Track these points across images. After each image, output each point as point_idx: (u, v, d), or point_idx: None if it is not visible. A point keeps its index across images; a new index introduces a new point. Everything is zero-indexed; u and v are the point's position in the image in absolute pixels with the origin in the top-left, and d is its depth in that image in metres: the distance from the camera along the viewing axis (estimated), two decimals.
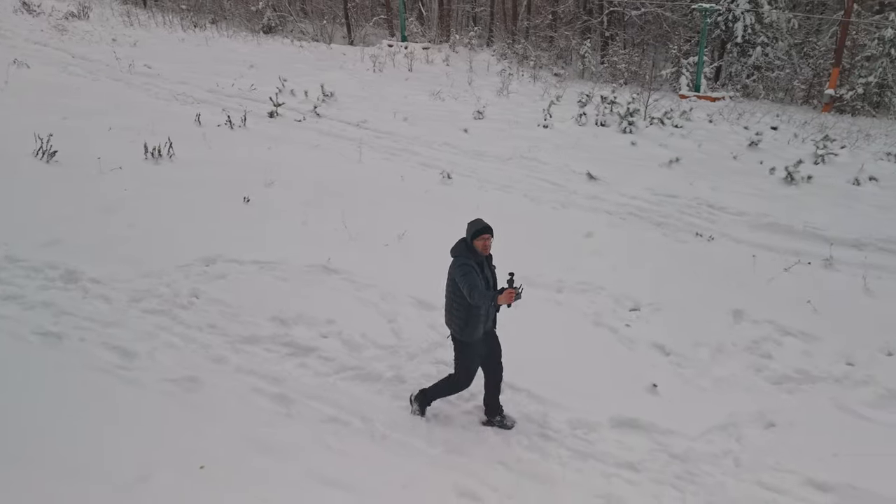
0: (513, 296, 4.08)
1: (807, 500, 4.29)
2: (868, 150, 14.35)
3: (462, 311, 4.26)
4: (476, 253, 4.27)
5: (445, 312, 4.45)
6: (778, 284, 7.30)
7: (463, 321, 4.28)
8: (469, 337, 4.34)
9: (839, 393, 5.49)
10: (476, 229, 4.25)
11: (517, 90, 18.23)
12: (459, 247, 4.32)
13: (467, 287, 4.09)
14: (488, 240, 4.29)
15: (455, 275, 4.22)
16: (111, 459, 3.88)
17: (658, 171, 11.41)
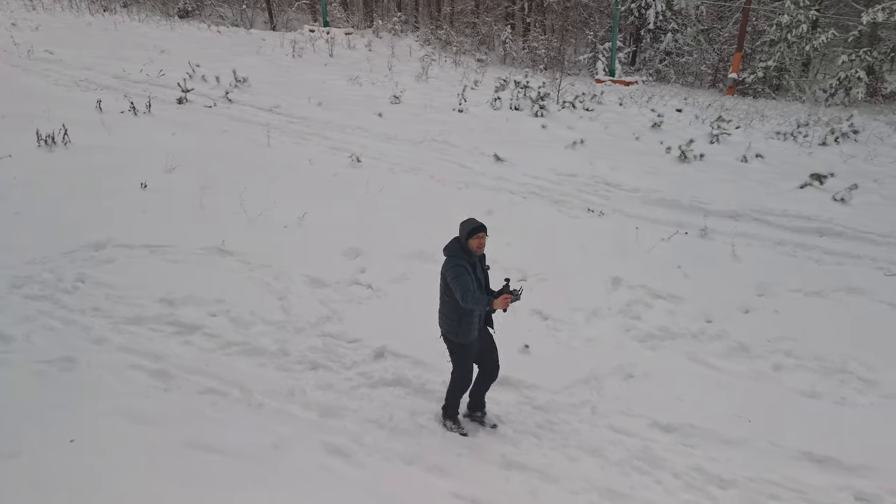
0: (509, 301, 4.00)
1: (651, 439, 4.78)
2: (761, 130, 15.39)
3: (455, 312, 4.20)
4: (470, 253, 4.21)
5: (439, 316, 4.38)
6: (656, 253, 7.88)
7: (456, 322, 4.23)
8: (463, 338, 4.29)
9: (695, 347, 6.07)
10: (471, 228, 4.16)
11: (438, 75, 18.47)
12: (453, 246, 4.23)
13: (460, 290, 4.01)
14: (483, 238, 4.23)
15: (447, 276, 4.13)
16: None
17: (563, 152, 11.92)
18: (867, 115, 18.91)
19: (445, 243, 4.33)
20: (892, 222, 9.36)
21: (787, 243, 8.62)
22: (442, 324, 4.37)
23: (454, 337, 4.31)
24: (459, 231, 4.27)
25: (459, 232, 4.27)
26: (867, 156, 13.35)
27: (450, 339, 4.36)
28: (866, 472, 4.59)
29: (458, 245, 4.23)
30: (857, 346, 6.15)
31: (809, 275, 7.65)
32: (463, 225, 4.26)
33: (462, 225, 4.27)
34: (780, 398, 5.37)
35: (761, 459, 4.66)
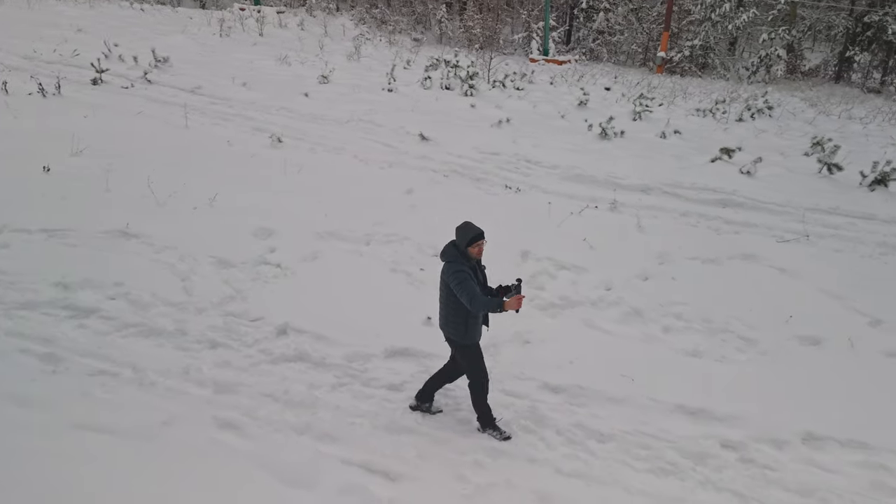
0: (521, 301, 4.07)
1: (540, 400, 5.04)
2: (683, 107, 15.98)
3: (461, 316, 4.22)
4: (468, 258, 4.22)
5: (441, 319, 4.38)
6: (566, 227, 8.17)
7: (463, 325, 4.26)
8: (471, 339, 4.34)
9: (592, 314, 6.38)
10: (472, 236, 4.17)
11: (371, 55, 18.33)
12: (451, 252, 4.23)
13: (467, 296, 4.03)
14: (483, 244, 4.25)
15: (450, 282, 4.12)
16: None
17: (488, 131, 12.11)
18: (786, 91, 19.85)
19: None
20: (791, 192, 9.96)
21: (691, 214, 9.07)
22: (446, 328, 4.38)
23: (461, 339, 4.34)
24: (457, 236, 4.25)
25: (456, 237, 4.25)
26: (778, 130, 14.07)
27: (456, 341, 4.37)
28: (735, 422, 4.98)
29: (456, 250, 4.22)
30: (742, 308, 6.59)
31: (708, 243, 8.10)
32: (461, 232, 4.23)
33: (461, 231, 4.23)
34: (665, 358, 5.73)
35: (640, 414, 4.99)
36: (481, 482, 4.14)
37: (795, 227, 8.80)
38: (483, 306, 4.05)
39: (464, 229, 4.23)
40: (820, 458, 4.72)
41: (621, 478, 4.37)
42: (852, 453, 4.78)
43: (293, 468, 4.01)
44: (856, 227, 8.99)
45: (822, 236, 8.65)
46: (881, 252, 8.28)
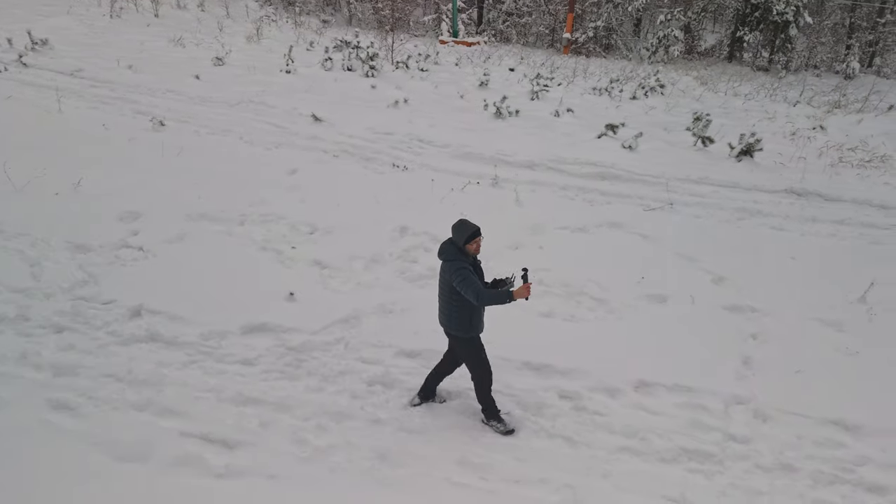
0: (529, 289, 4.14)
1: (394, 365, 5.25)
2: (581, 87, 16.50)
3: (465, 312, 4.30)
4: (467, 254, 4.28)
5: (443, 315, 4.44)
6: (447, 203, 8.40)
7: (467, 320, 4.33)
8: (475, 331, 4.43)
9: None
10: (471, 233, 4.24)
11: (274, 36, 17.93)
12: (450, 250, 4.28)
13: (473, 292, 4.08)
14: (480, 240, 4.32)
15: (453, 280, 4.17)
16: None
17: (385, 111, 12.17)
18: (682, 70, 20.81)
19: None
20: (666, 164, 10.56)
21: (571, 188, 9.49)
22: (447, 323, 4.43)
23: (465, 333, 4.40)
24: (454, 234, 4.31)
25: (454, 235, 4.31)
26: (667, 107, 14.78)
27: (459, 336, 4.43)
28: (575, 375, 5.36)
29: (454, 248, 4.28)
30: (601, 272, 7.01)
31: (581, 214, 8.52)
32: (459, 229, 4.28)
33: (459, 229, 4.29)
34: (520, 320, 6.04)
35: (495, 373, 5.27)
36: (321, 444, 4.31)
37: (665, 196, 9.38)
38: (491, 299, 4.12)
39: (461, 227, 4.29)
40: (648, 403, 5.16)
41: (461, 431, 4.64)
42: (677, 396, 5.24)
43: (128, 444, 4.05)
44: (719, 195, 9.67)
45: (687, 204, 9.26)
46: (738, 217, 8.96)
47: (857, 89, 18.49)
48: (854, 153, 11.71)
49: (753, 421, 5.04)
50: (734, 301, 6.69)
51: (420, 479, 4.14)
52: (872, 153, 11.69)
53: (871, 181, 10.49)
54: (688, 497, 4.26)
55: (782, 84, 19.14)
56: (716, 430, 4.90)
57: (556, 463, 4.44)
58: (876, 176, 10.68)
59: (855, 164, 11.13)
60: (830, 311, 6.52)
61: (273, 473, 4.00)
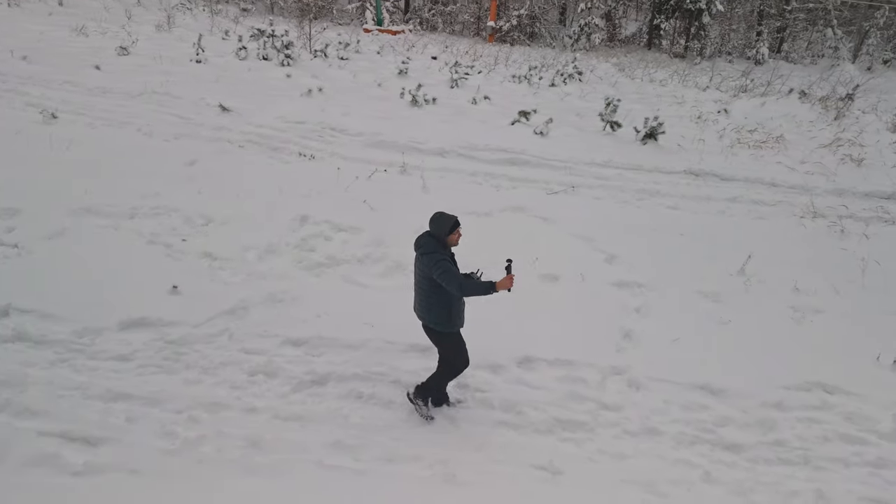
0: (513, 280, 4.16)
1: (279, 354, 5.23)
2: (502, 74, 16.69)
3: (444, 305, 4.27)
4: (446, 247, 4.27)
5: (422, 309, 4.40)
6: (353, 191, 8.37)
7: (446, 314, 4.31)
8: (454, 327, 4.41)
9: (356, 270, 6.65)
10: (451, 224, 4.23)
11: (187, 25, 17.35)
12: (430, 243, 4.24)
13: (455, 283, 4.06)
14: (459, 231, 4.31)
15: (433, 272, 4.13)
16: None
17: (298, 100, 11.98)
18: (602, 57, 21.35)
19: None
20: (575, 149, 10.85)
21: (480, 174, 9.62)
22: (426, 317, 4.40)
23: (444, 328, 4.38)
24: (432, 227, 4.28)
25: (432, 227, 4.28)
26: (582, 94, 15.15)
27: (438, 330, 4.41)
28: None
29: (433, 241, 4.25)
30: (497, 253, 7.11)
31: (487, 199, 8.66)
32: (438, 222, 4.25)
33: (436, 222, 4.26)
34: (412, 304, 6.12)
35: (375, 356, 5.34)
36: (191, 436, 4.26)
37: (569, 179, 9.64)
38: (474, 290, 4.10)
39: (440, 219, 4.27)
40: (529, 378, 5.34)
41: (340, 415, 4.68)
42: (558, 370, 5.44)
43: None
44: (622, 178, 10.02)
45: (591, 187, 9.55)
46: (638, 198, 9.30)
47: (764, 74, 19.43)
48: (752, 135, 12.33)
49: (627, 389, 5.30)
50: (622, 278, 6.97)
51: (291, 463, 4.16)
52: (769, 134, 12.34)
53: (764, 161, 11.08)
54: (556, 464, 4.43)
55: (696, 70, 19.91)
56: (590, 400, 5.12)
57: (431, 440, 4.54)
58: (770, 156, 11.29)
59: (751, 145, 11.72)
60: (710, 284, 6.89)
61: (136, 468, 3.94)
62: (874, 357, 5.79)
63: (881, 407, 5.17)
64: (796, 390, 5.33)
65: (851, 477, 4.55)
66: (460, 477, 4.22)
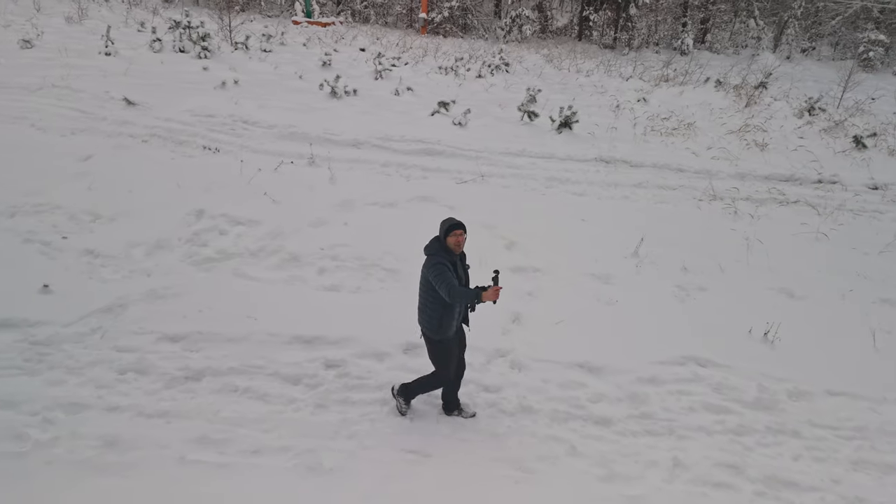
0: (499, 292, 4.08)
1: (154, 351, 5.11)
2: (429, 65, 16.67)
3: (436, 310, 4.25)
4: (450, 252, 4.22)
5: (418, 312, 4.40)
6: (256, 183, 8.23)
7: (437, 320, 4.27)
8: (443, 335, 4.34)
9: (248, 263, 6.55)
10: (448, 226, 4.20)
11: (102, 17, 16.66)
12: (433, 245, 4.26)
13: (445, 287, 4.03)
14: (461, 236, 4.23)
15: (429, 274, 4.13)
16: None
17: (211, 93, 11.67)
18: (534, 49, 21.59)
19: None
20: (491, 139, 10.94)
21: (392, 165, 9.60)
22: (420, 320, 4.40)
23: (434, 334, 4.36)
24: (439, 229, 4.28)
25: (439, 230, 4.28)
26: (507, 85, 15.27)
27: (429, 336, 4.40)
28: (346, 344, 5.46)
29: (438, 244, 4.25)
30: (399, 244, 7.17)
31: (395, 189, 8.66)
32: (442, 223, 4.28)
33: (441, 223, 4.29)
34: (303, 296, 6.08)
35: (257, 349, 5.27)
36: (44, 438, 4.12)
37: (482, 169, 9.73)
38: (460, 296, 4.07)
39: (443, 221, 4.30)
40: (414, 364, 5.36)
41: (210, 410, 4.60)
42: None
43: None
44: (535, 166, 10.18)
45: (503, 176, 9.67)
46: (546, 186, 9.47)
47: (688, 64, 20.03)
48: (665, 122, 12.70)
49: (509, 371, 5.40)
50: (520, 263, 7.09)
51: (149, 461, 4.07)
52: (681, 121, 12.73)
53: (674, 147, 11.44)
54: (427, 448, 4.48)
55: (623, 61, 20.36)
56: (471, 382, 5.19)
57: (303, 430, 4.52)
58: (679, 142, 11.66)
59: (663, 133, 12.07)
60: (603, 266, 7.08)
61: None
62: (747, 331, 6.07)
63: (747, 377, 5.42)
64: (671, 365, 5.53)
65: (712, 444, 4.76)
66: (327, 464, 4.22)
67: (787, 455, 4.71)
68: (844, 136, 12.46)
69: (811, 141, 12.22)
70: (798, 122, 13.34)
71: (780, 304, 6.63)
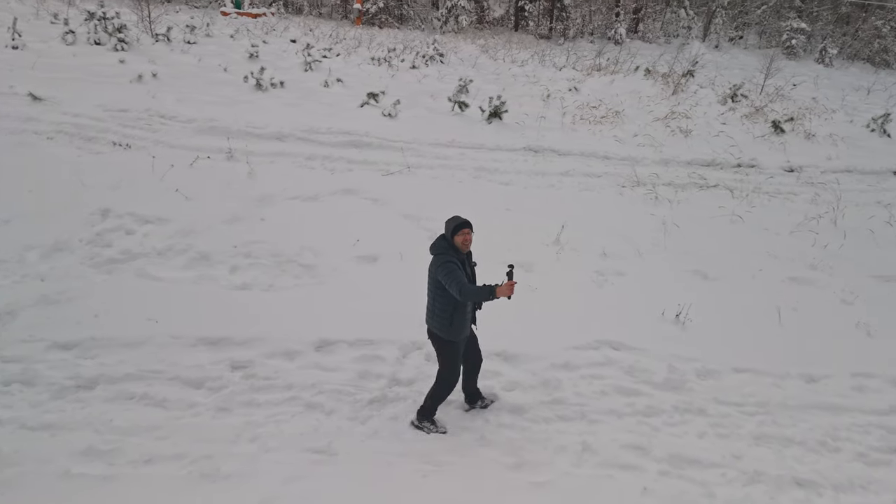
0: (514, 287, 3.96)
1: (42, 360, 4.80)
2: (362, 56, 16.40)
3: (447, 310, 4.17)
4: (457, 250, 4.16)
5: (427, 313, 4.32)
6: (169, 180, 7.88)
7: (448, 320, 4.19)
8: (455, 336, 4.26)
9: (154, 263, 6.25)
10: (456, 224, 4.15)
11: (11, 9, 15.67)
12: (440, 244, 4.18)
13: (456, 286, 3.96)
14: (468, 234, 4.18)
15: (438, 273, 4.06)
16: None
17: (127, 87, 11.13)
18: (470, 39, 21.55)
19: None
20: (421, 130, 10.83)
21: (316, 157, 9.37)
22: (430, 321, 4.32)
23: (445, 335, 4.27)
24: (445, 228, 4.21)
25: (445, 229, 4.21)
26: (441, 76, 15.17)
27: (439, 336, 4.31)
28: (254, 344, 5.28)
29: (445, 243, 4.18)
30: (318, 238, 7.00)
31: (317, 183, 8.45)
32: (448, 222, 4.22)
33: (448, 222, 4.22)
34: (211, 295, 5.85)
35: (157, 353, 5.03)
36: None
37: (410, 160, 9.61)
38: (474, 294, 3.98)
39: (450, 220, 4.23)
40: (326, 361, 5.23)
41: (102, 419, 4.35)
42: (357, 350, 5.38)
43: None
44: (464, 156, 10.13)
45: (431, 167, 9.58)
46: (474, 176, 9.44)
47: (621, 54, 20.40)
48: (594, 111, 12.87)
49: (424, 363, 5.32)
50: None
51: (28, 477, 3.81)
52: (609, 110, 12.93)
53: (601, 135, 11.60)
54: (334, 447, 4.36)
55: (558, 51, 20.57)
56: (384, 377, 5.10)
57: (202, 436, 4.33)
58: (607, 130, 11.83)
59: (592, 121, 12.23)
60: (525, 254, 7.08)
61: None
62: (661, 313, 6.18)
63: (658, 359, 5.52)
64: (585, 350, 5.58)
65: (621, 427, 4.81)
66: (225, 470, 4.05)
67: (693, 433, 4.81)
68: (764, 121, 12.91)
69: (733, 126, 12.61)
70: (721, 109, 13.75)
71: (695, 286, 6.79)
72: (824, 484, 4.41)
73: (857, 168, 11.14)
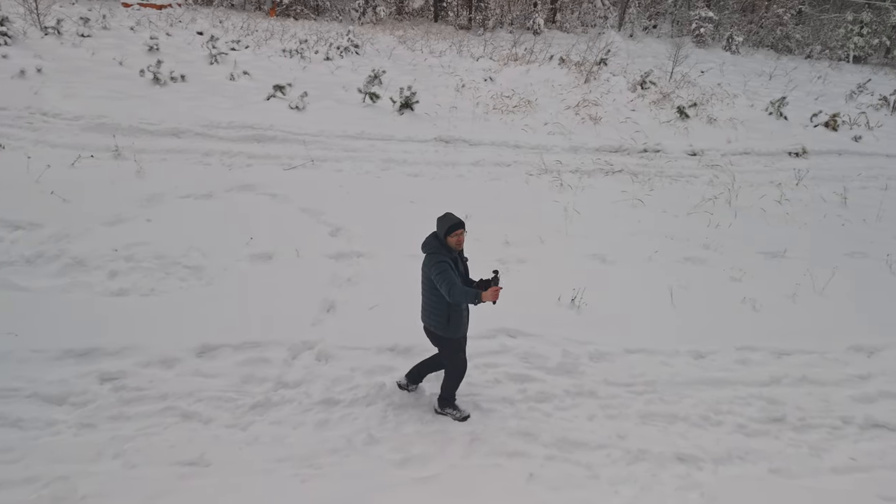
0: (499, 292, 3.97)
1: None
2: (274, 48, 15.86)
3: (442, 309, 4.17)
4: (450, 249, 4.12)
5: (423, 311, 4.34)
6: (45, 181, 7.32)
7: (444, 318, 4.21)
8: (454, 333, 4.28)
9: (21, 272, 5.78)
10: (450, 225, 4.08)
11: None
12: (432, 243, 4.14)
13: (446, 286, 3.97)
14: (462, 235, 4.13)
15: (431, 273, 4.06)
16: None
17: (6, 83, 10.30)
18: (388, 31, 21.27)
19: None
20: (329, 122, 10.55)
21: (214, 153, 8.96)
22: (428, 319, 4.31)
23: (443, 332, 4.27)
24: (437, 227, 4.14)
25: (437, 228, 4.14)
26: (355, 67, 14.86)
27: (437, 334, 4.30)
28: (128, 353, 4.93)
29: (437, 241, 4.13)
30: (208, 238, 6.65)
31: (212, 179, 8.06)
32: (442, 221, 4.13)
33: (441, 221, 4.13)
34: (82, 304, 5.44)
35: (15, 370, 4.62)
36: None
37: (316, 153, 9.34)
38: (461, 296, 3.97)
39: (443, 219, 4.14)
40: (207, 367, 4.95)
41: None
42: (242, 354, 5.13)
43: None
44: (373, 148, 9.94)
45: (338, 160, 9.34)
46: (382, 168, 9.27)
47: (537, 43, 20.64)
48: (508, 100, 12.93)
49: (315, 363, 5.14)
50: (342, 249, 6.84)
51: None
52: (522, 99, 13.02)
53: (513, 125, 11.66)
54: (207, 456, 4.12)
55: (476, 41, 20.59)
56: (269, 380, 4.88)
57: (59, 456, 3.99)
58: (518, 119, 11.90)
59: (504, 111, 12.27)
60: None
61: None
62: (557, 298, 6.22)
63: (553, 344, 5.54)
64: (480, 339, 5.52)
65: (512, 414, 4.78)
66: (81, 491, 3.75)
67: (583, 416, 4.84)
68: (671, 107, 13.33)
69: (641, 113, 12.96)
70: (631, 96, 14.11)
71: (592, 270, 6.88)
72: (704, 458, 4.52)
73: (754, 150, 11.66)
